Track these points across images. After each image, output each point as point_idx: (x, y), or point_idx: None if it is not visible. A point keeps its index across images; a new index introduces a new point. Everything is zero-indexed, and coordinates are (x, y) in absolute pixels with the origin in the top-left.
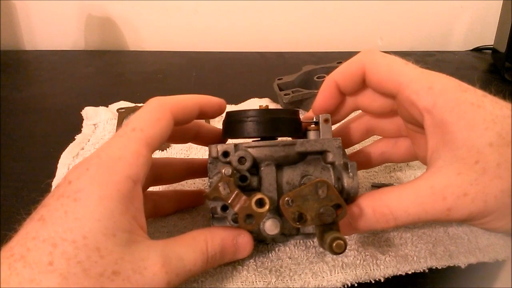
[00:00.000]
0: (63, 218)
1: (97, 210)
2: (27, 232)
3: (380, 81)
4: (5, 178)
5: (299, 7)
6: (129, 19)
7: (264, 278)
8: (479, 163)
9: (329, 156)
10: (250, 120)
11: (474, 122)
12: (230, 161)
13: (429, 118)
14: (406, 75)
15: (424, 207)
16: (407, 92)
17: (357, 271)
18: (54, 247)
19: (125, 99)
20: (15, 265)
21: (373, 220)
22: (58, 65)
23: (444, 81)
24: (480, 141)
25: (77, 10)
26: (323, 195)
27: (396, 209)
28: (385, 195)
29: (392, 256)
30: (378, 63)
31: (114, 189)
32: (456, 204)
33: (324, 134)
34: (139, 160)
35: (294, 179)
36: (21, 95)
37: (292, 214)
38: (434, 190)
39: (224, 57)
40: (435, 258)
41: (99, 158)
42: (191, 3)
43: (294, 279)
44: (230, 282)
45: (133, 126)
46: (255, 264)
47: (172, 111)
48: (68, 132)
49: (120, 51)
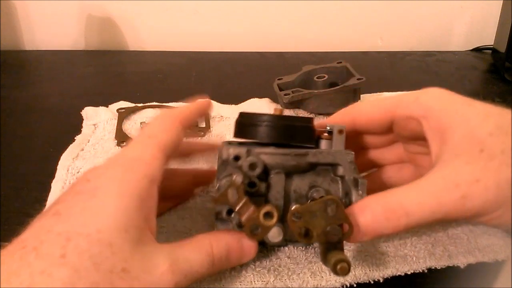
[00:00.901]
0: (80, 213)
1: (112, 205)
2: (42, 225)
3: (372, 119)
4: (5, 178)
5: (299, 7)
6: (129, 19)
7: (263, 278)
8: (485, 150)
9: (340, 169)
10: (266, 125)
11: (469, 116)
12: (240, 166)
13: (426, 124)
14: (393, 99)
15: (438, 198)
16: (399, 112)
17: (356, 271)
18: (68, 241)
19: (125, 99)
20: (27, 257)
21: (383, 219)
22: (58, 65)
23: (429, 90)
24: (480, 131)
25: (77, 10)
26: (331, 213)
27: (408, 204)
28: (395, 192)
29: (391, 257)
30: (365, 105)
31: (131, 187)
32: (470, 191)
33: (336, 146)
34: (155, 161)
35: (302, 188)
36: (21, 95)
37: (299, 229)
38: (446, 180)
39: (224, 57)
40: (434, 258)
41: (118, 160)
42: (191, 3)
43: (292, 279)
44: (228, 282)
45: (149, 133)
46: (254, 264)
47: (181, 120)
48: (68, 132)
49: (120, 51)
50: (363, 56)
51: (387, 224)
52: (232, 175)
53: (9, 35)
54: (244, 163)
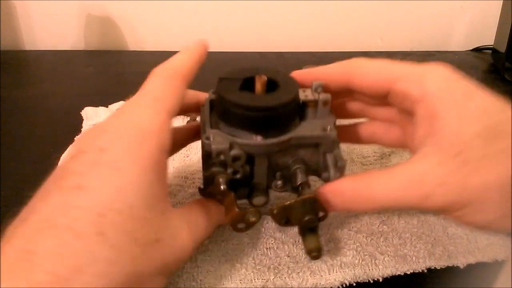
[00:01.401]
0: (106, 188)
1: (140, 181)
2: (66, 201)
3: (371, 83)
4: (5, 178)
5: (299, 7)
6: (129, 19)
7: (263, 276)
8: (462, 154)
9: (322, 147)
10: (248, 117)
11: (463, 113)
12: (224, 161)
13: (420, 108)
14: (397, 70)
15: (402, 192)
16: (398, 86)
17: (355, 271)
18: (101, 217)
19: (125, 99)
20: (63, 236)
21: (352, 201)
22: (58, 65)
23: (435, 70)
24: (467, 132)
25: (77, 10)
26: (309, 207)
27: (375, 192)
28: (366, 178)
29: (391, 256)
30: (366, 69)
31: (151, 160)
32: (432, 192)
33: (321, 116)
34: (165, 130)
35: (285, 161)
36: (21, 95)
37: (280, 219)
38: (413, 177)
39: (224, 57)
40: (434, 258)
41: (130, 128)
42: (191, 3)
43: (292, 277)
44: (228, 280)
45: (155, 96)
46: (254, 262)
47: (184, 77)
48: (68, 132)
49: (120, 51)
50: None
51: (355, 206)
52: (216, 175)
53: (9, 35)
54: (227, 158)
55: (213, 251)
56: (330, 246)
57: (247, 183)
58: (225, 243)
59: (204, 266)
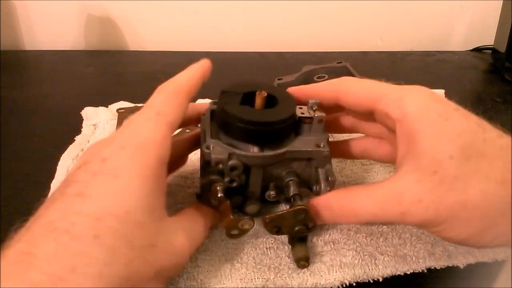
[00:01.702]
0: (105, 194)
1: (138, 187)
2: (67, 207)
3: (357, 102)
4: (5, 178)
5: (299, 7)
6: (129, 19)
7: (263, 275)
8: (438, 173)
9: (315, 162)
10: (247, 130)
11: (439, 134)
12: (222, 170)
13: (399, 128)
14: (379, 91)
15: (381, 208)
16: (380, 106)
17: (355, 271)
18: (99, 221)
19: (125, 99)
20: (61, 239)
21: (339, 215)
22: (58, 65)
23: (415, 92)
24: (442, 152)
25: (77, 10)
26: (300, 218)
27: (358, 207)
28: (351, 193)
29: (390, 256)
30: (352, 88)
31: (150, 169)
32: (410, 209)
33: (315, 132)
34: (166, 142)
35: (279, 173)
36: (21, 95)
37: (272, 229)
38: (393, 194)
39: (224, 57)
40: (433, 258)
41: (132, 139)
42: (191, 3)
43: (292, 277)
44: (228, 280)
45: (158, 110)
46: (254, 262)
47: (187, 93)
48: (68, 132)
49: (120, 51)
50: (363, 56)
51: (341, 220)
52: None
53: (9, 35)
54: (226, 167)
55: (213, 250)
56: (330, 246)
57: (242, 192)
58: (225, 243)
59: (204, 266)
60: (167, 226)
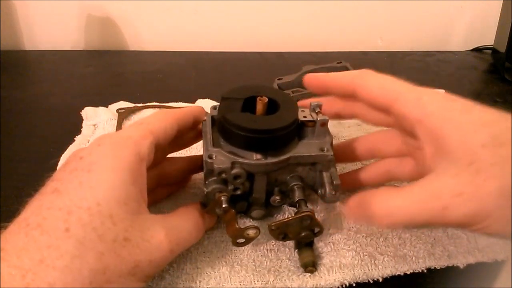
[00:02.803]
0: (78, 188)
1: (110, 179)
2: (42, 203)
3: (373, 98)
4: (5, 178)
5: (299, 7)
6: (129, 19)
7: (263, 278)
8: (474, 164)
9: (319, 166)
10: (249, 138)
11: (464, 126)
12: (226, 178)
13: (421, 128)
14: (396, 90)
15: (419, 206)
16: (397, 106)
17: (355, 271)
18: (70, 215)
19: (125, 99)
20: (32, 233)
21: (375, 217)
22: (58, 65)
23: (431, 92)
24: (474, 143)
25: (77, 10)
26: (306, 224)
27: (393, 209)
28: (384, 193)
29: (390, 256)
30: (370, 83)
31: (124, 162)
32: (452, 202)
33: (319, 136)
34: (144, 141)
35: (284, 178)
36: (21, 95)
37: (278, 235)
38: (430, 192)
39: (224, 57)
40: (433, 258)
41: (109, 138)
42: (191, 3)
43: (292, 279)
44: (228, 282)
45: (141, 121)
46: (254, 264)
47: (174, 116)
48: (68, 132)
49: (120, 51)
50: (363, 56)
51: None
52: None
53: (9, 35)
54: (229, 176)
55: (212, 252)
56: (330, 247)
57: (246, 197)
58: (225, 244)
59: (203, 268)
60: (144, 221)
